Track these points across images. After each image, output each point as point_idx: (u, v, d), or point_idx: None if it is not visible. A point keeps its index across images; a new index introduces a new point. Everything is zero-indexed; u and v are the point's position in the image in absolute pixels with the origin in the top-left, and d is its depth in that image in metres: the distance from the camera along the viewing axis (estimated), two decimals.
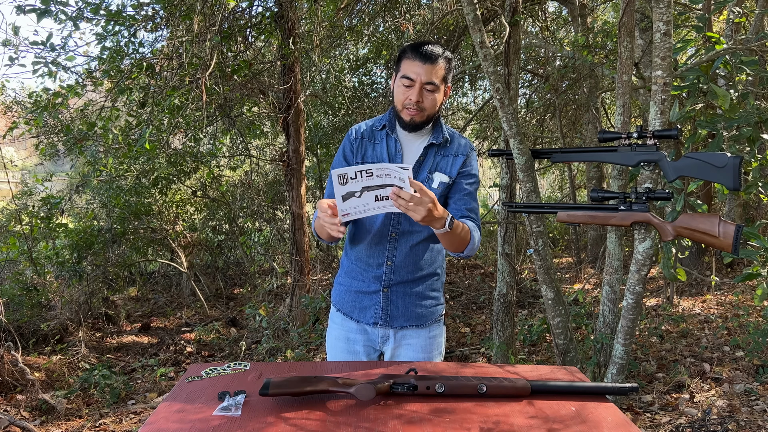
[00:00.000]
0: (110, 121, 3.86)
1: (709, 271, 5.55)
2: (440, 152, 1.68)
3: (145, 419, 2.71)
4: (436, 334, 1.75)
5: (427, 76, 1.56)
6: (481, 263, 7.36)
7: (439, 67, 1.58)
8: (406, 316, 1.70)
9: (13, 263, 5.18)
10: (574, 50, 4.46)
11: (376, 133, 1.71)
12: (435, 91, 1.59)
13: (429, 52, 1.56)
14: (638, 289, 2.28)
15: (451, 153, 1.69)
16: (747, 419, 2.83)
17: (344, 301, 1.76)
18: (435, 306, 1.75)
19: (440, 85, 1.60)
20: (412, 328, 1.71)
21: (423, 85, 1.57)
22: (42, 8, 3.20)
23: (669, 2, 2.11)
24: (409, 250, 1.67)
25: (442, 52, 1.59)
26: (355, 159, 1.71)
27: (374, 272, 1.69)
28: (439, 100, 1.62)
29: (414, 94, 1.58)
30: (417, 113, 1.60)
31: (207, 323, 5.26)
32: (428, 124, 1.66)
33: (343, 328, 1.76)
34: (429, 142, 1.67)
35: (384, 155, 1.68)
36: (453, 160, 1.69)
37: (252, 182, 6.88)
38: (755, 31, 4.15)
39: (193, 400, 1.31)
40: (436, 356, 1.76)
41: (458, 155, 1.69)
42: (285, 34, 4.40)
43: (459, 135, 1.74)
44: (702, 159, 1.84)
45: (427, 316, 1.73)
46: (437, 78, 1.58)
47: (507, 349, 3.54)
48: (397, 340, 1.72)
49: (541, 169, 8.30)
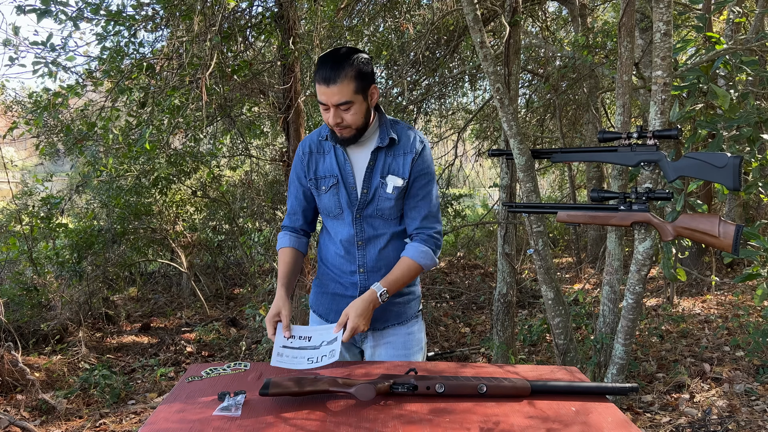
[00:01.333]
0: (110, 121, 3.86)
1: (709, 271, 5.55)
2: (390, 153, 1.64)
3: (145, 419, 2.71)
4: (414, 330, 1.76)
5: (336, 98, 1.49)
6: (481, 263, 7.36)
7: (345, 84, 1.48)
8: (385, 316, 1.71)
9: (13, 263, 5.18)
10: (574, 50, 4.46)
11: (323, 143, 1.69)
12: (350, 107, 1.52)
13: (328, 74, 1.48)
14: (638, 289, 2.28)
15: (400, 152, 1.64)
16: (747, 419, 2.83)
17: (320, 304, 1.79)
18: (411, 301, 1.76)
19: (354, 98, 1.51)
20: (391, 327, 1.73)
21: (336, 107, 1.51)
22: (42, 8, 3.20)
23: (669, 2, 2.11)
24: (378, 254, 1.68)
25: (344, 65, 1.48)
26: (308, 177, 1.70)
27: (349, 279, 1.71)
28: (362, 111, 1.55)
29: (331, 117, 1.53)
30: (343, 131, 1.57)
31: (207, 323, 5.26)
32: (363, 133, 1.60)
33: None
34: (375, 146, 1.63)
35: (334, 167, 1.65)
36: (403, 160, 1.64)
37: (252, 182, 6.88)
38: (755, 31, 4.15)
39: (193, 400, 1.31)
40: (416, 352, 1.75)
41: (407, 153, 1.64)
42: (285, 34, 4.40)
43: (407, 129, 1.67)
44: (702, 159, 1.84)
45: (405, 312, 1.74)
46: (347, 95, 1.50)
47: (507, 349, 3.54)
48: (376, 339, 1.73)
49: (541, 169, 8.30)
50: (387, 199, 1.64)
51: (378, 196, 1.64)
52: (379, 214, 1.66)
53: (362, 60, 1.52)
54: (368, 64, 1.55)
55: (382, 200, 1.64)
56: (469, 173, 7.85)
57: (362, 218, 1.66)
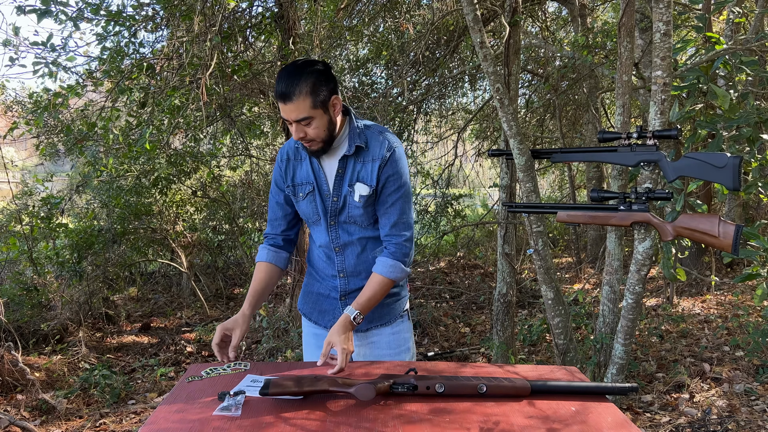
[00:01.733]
0: (110, 122, 3.86)
1: (709, 271, 5.55)
2: (359, 159, 1.61)
3: (145, 419, 2.72)
4: (399, 329, 1.76)
5: (294, 114, 1.48)
6: (481, 263, 7.36)
7: (302, 100, 1.46)
8: (368, 318, 1.71)
9: (13, 263, 5.18)
10: (574, 50, 4.46)
11: (300, 150, 1.69)
12: (311, 122, 1.51)
13: (284, 91, 1.46)
14: (638, 289, 2.29)
15: (369, 159, 1.61)
16: (747, 419, 2.83)
17: (305, 302, 1.82)
18: (396, 302, 1.75)
19: (313, 113, 1.49)
20: (376, 328, 1.73)
21: (297, 123, 1.51)
22: (42, 9, 3.20)
23: (669, 2, 2.11)
24: (357, 258, 1.68)
25: (298, 81, 1.46)
26: (286, 183, 1.70)
27: (331, 282, 1.73)
28: (323, 124, 1.53)
29: (294, 132, 1.53)
30: (309, 144, 1.57)
31: (207, 323, 5.26)
32: (331, 143, 1.59)
33: (310, 326, 1.82)
34: (343, 154, 1.61)
35: (310, 174, 1.66)
36: (372, 166, 1.60)
37: (252, 182, 6.88)
38: (755, 31, 4.15)
39: (193, 400, 1.31)
40: (403, 352, 1.75)
41: (375, 160, 1.60)
42: (285, 34, 4.40)
43: (378, 134, 1.62)
44: (702, 159, 1.84)
45: (389, 314, 1.74)
46: (304, 111, 1.48)
47: (507, 349, 3.54)
48: (360, 340, 1.73)
49: (541, 169, 8.30)
50: (356, 207, 1.63)
51: (348, 203, 1.64)
52: (351, 220, 1.66)
53: (317, 73, 1.49)
54: (324, 76, 1.50)
55: (352, 208, 1.64)
56: (469, 173, 7.85)
57: (337, 225, 1.67)
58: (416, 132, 6.65)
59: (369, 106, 5.12)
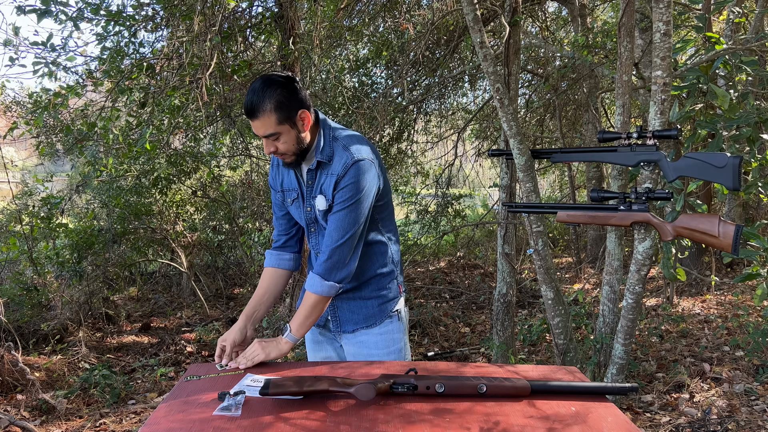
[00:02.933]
0: (110, 122, 3.86)
1: (709, 271, 5.55)
2: (325, 171, 1.61)
3: (145, 419, 2.72)
4: (388, 329, 1.75)
5: (262, 131, 1.51)
6: (481, 263, 7.36)
7: (267, 117, 1.48)
8: (354, 319, 1.74)
9: (13, 263, 5.18)
10: (574, 50, 4.46)
11: None
12: (278, 137, 1.52)
13: (249, 109, 1.49)
14: (638, 289, 2.29)
15: (331, 172, 1.59)
16: (747, 419, 2.83)
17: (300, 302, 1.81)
18: (383, 304, 1.74)
19: (279, 129, 1.51)
20: (361, 329, 1.74)
21: (266, 138, 1.53)
22: (42, 9, 3.20)
23: (669, 2, 2.11)
24: None
25: (262, 99, 1.47)
26: (276, 189, 1.76)
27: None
28: (292, 139, 1.54)
29: (266, 147, 1.56)
30: (282, 157, 1.59)
31: (207, 323, 5.27)
32: (304, 156, 1.60)
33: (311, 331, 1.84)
34: (308, 168, 1.64)
35: (294, 182, 1.70)
36: (330, 180, 1.59)
37: (252, 182, 6.88)
38: (755, 31, 4.15)
39: (193, 400, 1.31)
40: (392, 352, 1.75)
41: (334, 174, 1.58)
42: (285, 34, 4.40)
43: (343, 149, 1.58)
44: (702, 159, 1.84)
45: (376, 315, 1.74)
46: (270, 128, 1.50)
47: (507, 349, 3.54)
48: (349, 339, 1.76)
49: (541, 169, 8.30)
50: (322, 217, 1.65)
51: (316, 214, 1.67)
52: (325, 227, 1.66)
53: (282, 89, 1.49)
54: (288, 92, 1.50)
55: (320, 217, 1.66)
56: (469, 173, 7.85)
57: (316, 231, 1.70)
58: (416, 132, 6.65)
59: (369, 106, 5.12)
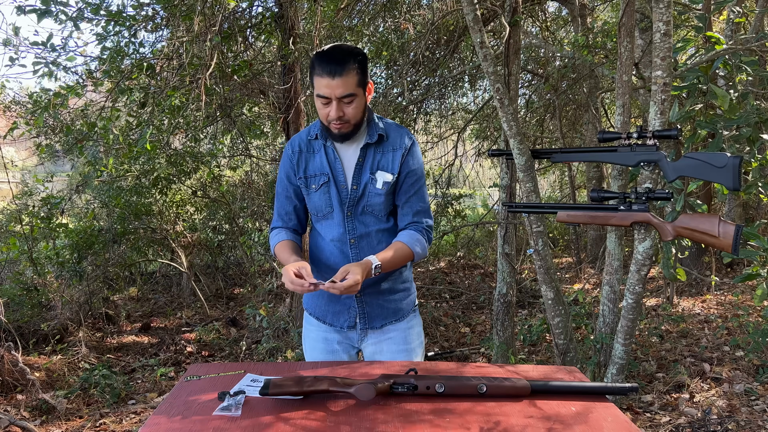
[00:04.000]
0: (110, 122, 3.86)
1: (709, 271, 5.55)
2: (379, 149, 1.66)
3: (145, 419, 2.71)
4: (413, 324, 1.78)
5: (340, 90, 1.50)
6: (481, 263, 7.36)
7: (351, 76, 1.50)
8: (384, 314, 1.72)
9: (13, 263, 5.18)
10: (574, 50, 4.46)
11: (313, 142, 1.70)
12: (353, 100, 1.54)
13: (335, 65, 1.48)
14: (638, 289, 2.29)
15: (389, 148, 1.66)
16: (747, 419, 2.83)
17: (317, 306, 1.78)
18: (408, 296, 1.77)
19: (357, 91, 1.53)
20: (390, 324, 1.73)
21: (339, 100, 1.52)
22: (42, 8, 3.20)
23: (669, 2, 2.11)
24: (372, 251, 1.67)
25: (348, 58, 1.50)
26: (297, 175, 1.70)
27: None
28: (361, 105, 1.58)
29: (333, 111, 1.54)
30: (342, 125, 1.58)
31: (207, 323, 5.27)
32: (359, 129, 1.62)
33: (320, 329, 1.78)
34: (365, 143, 1.65)
35: (325, 165, 1.66)
36: (393, 156, 1.65)
37: (252, 182, 6.88)
38: (755, 31, 4.15)
39: (193, 400, 1.31)
40: (417, 347, 1.76)
41: (396, 149, 1.65)
42: (285, 34, 4.39)
43: (396, 126, 1.70)
44: (702, 159, 1.84)
45: (402, 308, 1.75)
46: (351, 88, 1.51)
47: (507, 349, 3.54)
48: (377, 337, 1.73)
49: (541, 169, 8.30)
50: (377, 195, 1.65)
51: (368, 192, 1.65)
52: (369, 210, 1.67)
53: (362, 55, 1.55)
54: (366, 60, 1.57)
55: (372, 196, 1.65)
56: (469, 173, 7.85)
57: (353, 216, 1.67)
58: (416, 132, 6.64)
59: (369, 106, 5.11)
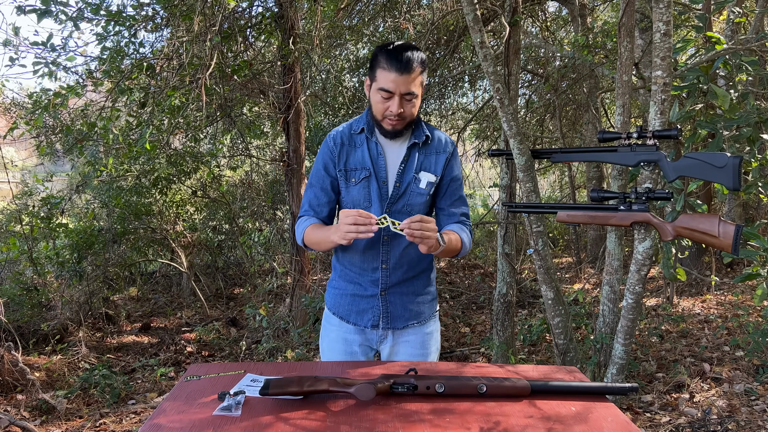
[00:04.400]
0: (110, 122, 3.86)
1: (709, 271, 5.55)
2: (423, 151, 1.68)
3: (145, 419, 2.71)
4: (432, 329, 1.78)
5: (405, 87, 1.53)
6: (481, 263, 7.36)
7: (416, 75, 1.54)
8: (406, 315, 1.72)
9: (13, 263, 5.18)
10: (574, 50, 4.46)
11: (355, 137, 1.69)
12: (414, 99, 1.57)
13: (405, 61, 1.51)
14: (638, 289, 2.29)
15: (433, 151, 1.69)
16: (747, 419, 2.83)
17: (340, 305, 1.77)
18: (431, 301, 1.78)
19: (419, 91, 1.57)
20: (411, 327, 1.73)
21: (402, 96, 1.54)
22: (42, 9, 3.20)
23: (669, 2, 2.11)
24: (402, 251, 1.68)
25: (417, 57, 1.54)
26: (337, 167, 1.69)
27: (370, 276, 1.70)
28: (418, 105, 1.61)
29: (394, 106, 1.55)
30: (398, 122, 1.59)
31: (207, 323, 5.27)
32: (410, 127, 1.65)
33: (340, 330, 1.76)
34: (411, 142, 1.66)
35: (366, 160, 1.66)
36: (436, 158, 1.69)
37: (252, 182, 6.89)
38: (755, 31, 4.15)
39: (193, 400, 1.31)
40: (432, 352, 1.77)
41: (440, 153, 1.69)
42: (285, 34, 4.40)
43: (438, 131, 1.73)
44: (702, 159, 1.84)
45: (425, 312, 1.75)
46: (415, 87, 1.55)
47: (507, 349, 3.54)
48: (395, 338, 1.73)
49: (541, 169, 8.30)
50: (419, 194, 1.66)
51: (410, 191, 1.66)
52: (408, 209, 1.67)
53: (424, 57, 1.58)
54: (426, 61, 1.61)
55: (414, 195, 1.66)
56: (469, 173, 7.85)
57: (390, 213, 1.66)
58: None
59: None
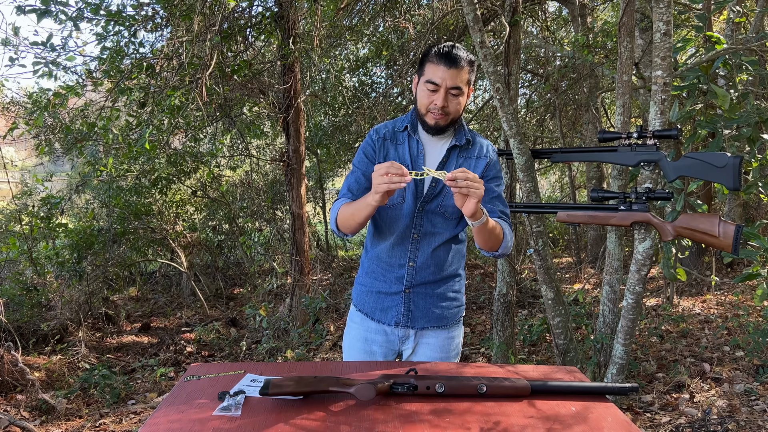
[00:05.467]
0: (110, 122, 3.86)
1: (709, 271, 5.55)
2: (462, 154, 1.68)
3: (145, 419, 2.71)
4: (455, 335, 1.77)
5: (452, 81, 1.55)
6: (481, 263, 7.36)
7: (464, 71, 1.56)
8: (428, 317, 1.71)
9: (13, 263, 5.18)
10: (574, 50, 4.46)
11: (398, 134, 1.71)
12: (460, 95, 1.59)
13: (454, 56, 1.55)
14: (638, 289, 2.28)
15: (473, 155, 1.69)
16: (747, 419, 2.83)
17: (365, 302, 1.77)
18: (456, 307, 1.76)
19: (465, 88, 1.59)
20: (432, 329, 1.72)
21: (448, 90, 1.56)
22: (42, 8, 3.20)
23: (669, 2, 2.11)
24: (431, 251, 1.68)
25: (466, 56, 1.58)
26: (378, 159, 1.70)
27: (396, 273, 1.70)
28: (463, 104, 1.62)
29: (439, 99, 1.57)
30: (441, 117, 1.60)
31: (207, 323, 5.27)
32: (452, 127, 1.66)
33: (362, 328, 1.76)
34: (452, 144, 1.67)
35: (406, 156, 1.67)
36: (476, 162, 1.69)
37: (252, 182, 6.89)
38: (755, 31, 4.15)
39: (193, 400, 1.31)
40: (452, 357, 1.77)
41: (481, 158, 1.69)
42: (285, 34, 4.40)
43: (481, 137, 1.74)
44: (702, 159, 1.84)
45: (448, 318, 1.74)
46: (462, 82, 1.57)
47: (507, 349, 3.54)
48: (417, 340, 1.73)
49: (541, 169, 8.30)
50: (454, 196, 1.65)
51: (445, 192, 1.65)
52: (441, 210, 1.66)
53: (475, 59, 1.61)
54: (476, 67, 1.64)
55: (449, 197, 1.65)
56: None
57: (423, 212, 1.66)
58: None
59: (369, 106, 5.12)
